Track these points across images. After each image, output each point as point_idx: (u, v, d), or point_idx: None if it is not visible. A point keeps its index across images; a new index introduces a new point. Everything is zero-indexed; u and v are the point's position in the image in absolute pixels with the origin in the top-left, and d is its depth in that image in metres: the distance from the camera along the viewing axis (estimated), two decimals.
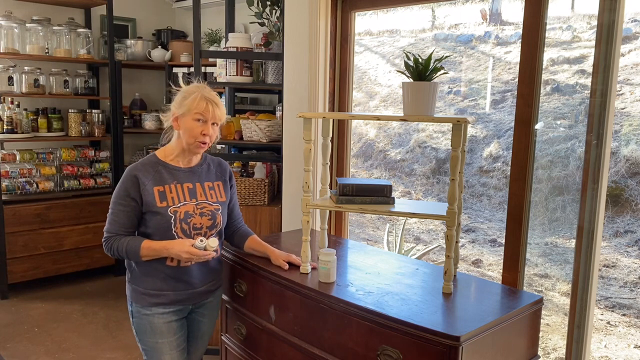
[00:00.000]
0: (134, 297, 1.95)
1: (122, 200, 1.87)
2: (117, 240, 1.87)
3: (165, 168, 1.93)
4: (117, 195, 1.89)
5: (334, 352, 1.79)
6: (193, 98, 1.86)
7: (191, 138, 1.87)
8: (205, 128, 1.86)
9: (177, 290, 1.94)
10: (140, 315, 1.93)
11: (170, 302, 1.93)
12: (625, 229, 4.39)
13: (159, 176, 1.90)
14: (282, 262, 2.06)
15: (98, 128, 4.40)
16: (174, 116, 1.90)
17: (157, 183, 1.89)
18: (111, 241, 1.88)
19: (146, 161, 1.93)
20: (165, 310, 1.93)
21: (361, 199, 1.97)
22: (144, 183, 1.86)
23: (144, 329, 1.94)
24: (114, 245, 1.87)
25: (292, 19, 2.90)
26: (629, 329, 3.65)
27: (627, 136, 4.64)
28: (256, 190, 3.23)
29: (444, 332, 1.51)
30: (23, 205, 4.01)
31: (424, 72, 1.81)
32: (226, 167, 2.11)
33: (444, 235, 3.11)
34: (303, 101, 2.87)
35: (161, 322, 1.93)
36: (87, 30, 4.35)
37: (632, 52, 4.94)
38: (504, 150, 5.31)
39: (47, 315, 3.73)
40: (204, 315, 2.09)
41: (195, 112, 1.85)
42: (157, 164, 1.93)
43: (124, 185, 1.88)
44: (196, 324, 2.08)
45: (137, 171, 1.88)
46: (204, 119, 1.86)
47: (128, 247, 1.85)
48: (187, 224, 1.90)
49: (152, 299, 1.92)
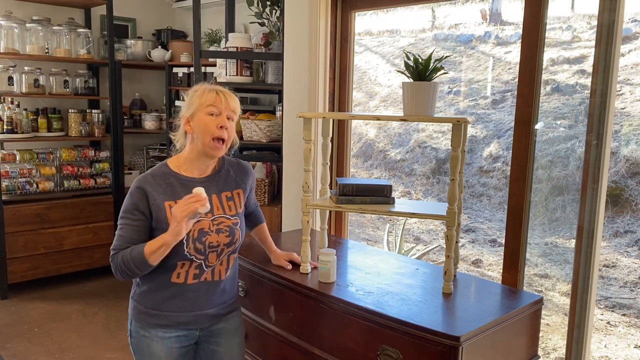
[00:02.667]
0: (134, 315, 1.78)
1: (130, 215, 1.68)
2: (122, 252, 1.67)
3: (177, 180, 1.72)
4: (124, 210, 1.70)
5: (334, 352, 1.79)
6: (200, 93, 1.70)
7: (207, 135, 1.67)
8: (220, 120, 1.68)
9: (181, 312, 1.74)
10: (139, 336, 1.76)
11: (172, 325, 1.74)
12: (625, 229, 4.39)
13: (170, 189, 1.70)
14: (284, 262, 2.06)
15: (98, 128, 4.40)
16: (185, 119, 1.71)
17: (168, 197, 1.69)
18: (117, 257, 1.67)
19: (156, 172, 1.73)
20: (166, 334, 1.73)
21: (361, 199, 1.97)
22: (153, 197, 1.67)
23: (141, 351, 1.76)
24: (118, 259, 1.66)
25: (292, 19, 2.90)
26: (629, 329, 3.64)
27: (627, 136, 4.64)
28: (256, 190, 3.24)
29: (444, 332, 1.51)
30: (23, 205, 4.00)
31: (424, 72, 1.81)
32: (248, 169, 1.88)
33: (444, 235, 3.11)
34: (303, 101, 2.87)
35: (160, 348, 1.73)
36: (87, 30, 4.35)
37: (632, 52, 4.94)
38: (504, 150, 5.30)
39: (47, 315, 3.72)
40: (220, 344, 1.84)
41: (207, 105, 1.68)
42: (169, 175, 1.73)
43: (132, 199, 1.68)
44: (212, 354, 1.84)
45: (146, 184, 1.69)
46: (217, 111, 1.68)
47: (132, 253, 1.64)
48: (202, 242, 1.69)
49: (152, 319, 1.73)
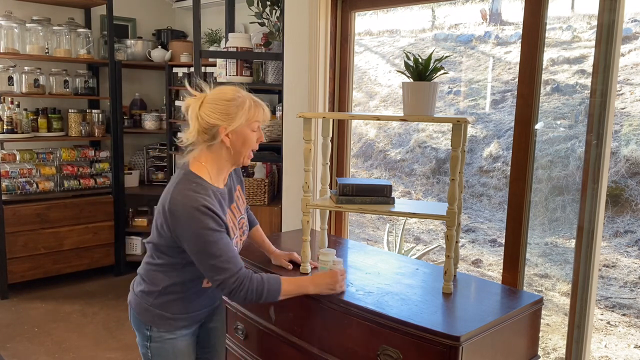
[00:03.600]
0: (155, 322, 1.75)
1: (219, 230, 1.59)
2: (251, 279, 1.61)
3: (215, 194, 1.66)
4: (210, 228, 1.56)
5: (334, 352, 1.79)
6: (247, 107, 1.64)
7: (246, 149, 1.68)
8: (260, 134, 1.70)
9: (204, 309, 1.82)
10: (163, 340, 1.76)
11: (196, 322, 1.83)
12: (625, 229, 4.39)
13: (219, 205, 1.65)
14: (285, 262, 2.06)
15: (98, 128, 4.40)
16: (227, 131, 1.62)
17: (224, 213, 1.67)
18: (246, 282, 1.59)
19: (204, 190, 1.62)
20: (189, 330, 1.81)
21: (361, 199, 1.97)
22: (220, 216, 1.61)
23: (165, 353, 1.77)
24: (251, 287, 1.59)
25: (292, 19, 2.90)
26: (629, 329, 3.65)
27: (627, 136, 4.64)
28: (256, 190, 3.24)
29: (444, 332, 1.51)
30: (23, 205, 4.00)
31: (424, 72, 1.81)
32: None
33: (444, 235, 3.11)
34: (303, 101, 2.87)
35: (184, 344, 1.79)
36: (87, 30, 4.35)
37: (632, 52, 4.94)
38: (504, 150, 5.31)
39: (47, 315, 3.73)
40: (216, 320, 1.96)
41: (255, 121, 1.66)
42: (212, 190, 1.65)
43: (210, 218, 1.57)
44: (210, 331, 1.95)
45: (210, 204, 1.59)
46: (260, 126, 1.71)
47: (269, 285, 1.62)
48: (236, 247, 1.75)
49: (180, 322, 1.76)
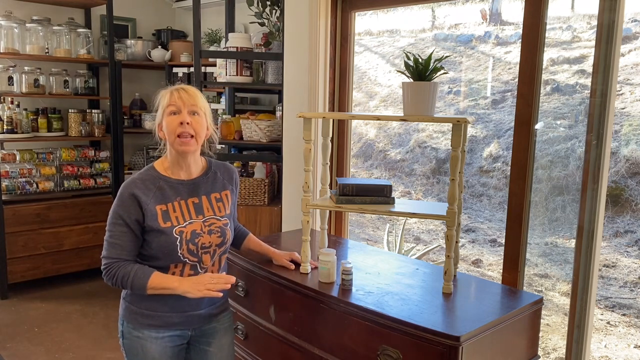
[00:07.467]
0: (125, 316, 1.79)
1: (121, 221, 1.66)
2: (124, 267, 1.66)
3: (167, 183, 1.73)
4: (115, 216, 1.68)
5: (334, 352, 1.79)
6: (161, 97, 1.73)
7: (172, 135, 1.69)
8: (181, 117, 1.68)
9: (174, 312, 1.76)
10: (132, 337, 1.77)
11: (165, 325, 1.76)
12: (625, 229, 4.39)
13: (160, 193, 1.71)
14: (287, 262, 2.05)
15: (98, 128, 4.40)
16: (158, 127, 1.75)
17: (159, 201, 1.70)
18: (114, 269, 1.66)
19: (145, 176, 1.73)
20: (159, 334, 1.75)
21: (361, 199, 1.97)
22: (145, 202, 1.67)
23: (135, 351, 1.77)
24: (118, 273, 1.65)
25: (292, 19, 2.90)
26: (629, 329, 3.64)
27: (627, 136, 4.64)
28: (256, 190, 3.23)
29: (444, 332, 1.51)
30: (23, 205, 4.00)
31: (424, 72, 1.81)
32: (233, 171, 1.92)
33: (444, 235, 3.11)
34: (303, 101, 2.87)
35: (155, 349, 1.75)
36: (87, 30, 4.35)
37: (632, 52, 4.93)
38: (504, 150, 5.30)
39: (47, 315, 3.72)
40: (211, 344, 1.86)
41: (167, 107, 1.70)
42: (158, 178, 1.73)
43: (123, 204, 1.67)
44: (202, 354, 1.86)
45: (136, 189, 1.68)
46: (176, 109, 1.69)
47: (134, 279, 1.65)
48: (195, 244, 1.72)
49: (145, 320, 1.75)
